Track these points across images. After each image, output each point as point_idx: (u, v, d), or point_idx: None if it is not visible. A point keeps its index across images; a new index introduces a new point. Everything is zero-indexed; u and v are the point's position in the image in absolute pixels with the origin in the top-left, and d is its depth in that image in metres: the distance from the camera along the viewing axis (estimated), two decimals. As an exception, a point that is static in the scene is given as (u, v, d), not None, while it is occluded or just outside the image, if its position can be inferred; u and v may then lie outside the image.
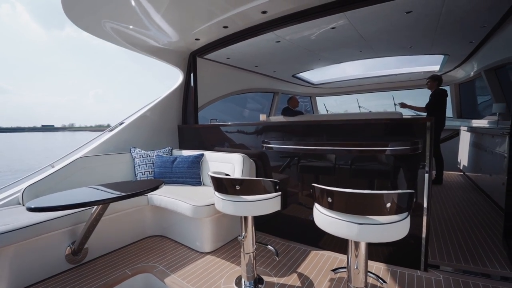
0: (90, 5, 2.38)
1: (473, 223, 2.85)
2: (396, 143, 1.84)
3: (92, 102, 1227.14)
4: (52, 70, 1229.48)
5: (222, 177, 1.67)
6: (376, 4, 2.23)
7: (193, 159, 3.02)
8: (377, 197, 1.18)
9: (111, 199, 1.74)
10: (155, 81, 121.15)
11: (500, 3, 2.32)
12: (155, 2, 2.29)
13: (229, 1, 2.31)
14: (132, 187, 2.06)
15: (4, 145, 43.11)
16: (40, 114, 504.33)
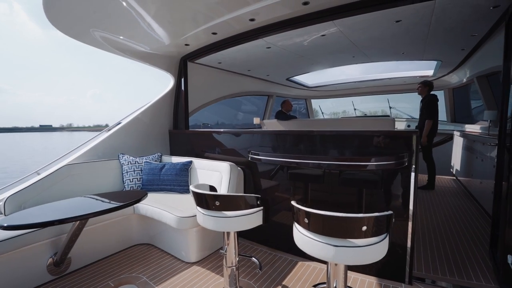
0: (77, 15, 2.35)
1: (462, 232, 2.84)
2: (381, 158, 1.82)
3: (90, 102, 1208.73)
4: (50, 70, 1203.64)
5: (202, 192, 1.65)
6: (365, 14, 2.21)
7: (181, 166, 2.99)
8: (353, 220, 1.16)
9: (89, 215, 1.71)
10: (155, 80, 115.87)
11: (488, 15, 2.31)
12: (144, 9, 2.26)
13: (217, 8, 2.28)
14: (114, 199, 2.03)
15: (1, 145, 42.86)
16: (38, 114, 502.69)
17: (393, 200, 2.06)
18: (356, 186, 2.18)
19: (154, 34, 2.87)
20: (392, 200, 2.07)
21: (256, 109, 7.62)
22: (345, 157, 1.81)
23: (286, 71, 5.01)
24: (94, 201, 2.03)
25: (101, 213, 1.77)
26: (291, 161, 1.95)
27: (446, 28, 2.66)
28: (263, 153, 2.11)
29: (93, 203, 2.00)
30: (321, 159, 1.85)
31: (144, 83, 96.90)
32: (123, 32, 2.81)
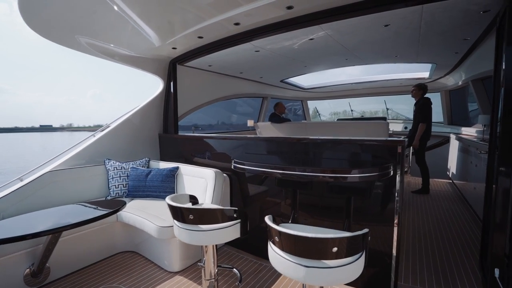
0: (60, 20, 2.32)
1: (453, 240, 2.78)
2: (364, 169, 1.76)
3: (90, 102, 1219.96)
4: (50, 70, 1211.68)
5: (176, 205, 1.59)
6: (351, 18, 2.14)
7: (167, 172, 2.94)
8: (323, 241, 1.10)
9: (62, 228, 1.66)
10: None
11: (479, 19, 2.24)
12: (129, 12, 2.21)
13: (201, 12, 2.22)
14: (92, 210, 1.98)
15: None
16: (38, 114, 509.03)
17: (379, 208, 2.01)
18: (344, 194, 2.13)
19: (141, 38, 2.82)
20: (378, 208, 2.02)
21: (252, 111, 7.56)
22: (327, 168, 1.75)
23: (280, 73, 4.95)
24: (71, 211, 1.98)
25: (76, 226, 1.72)
26: (272, 171, 1.90)
27: (437, 32, 2.60)
28: (246, 162, 2.05)
29: (70, 213, 1.95)
30: (303, 170, 1.79)
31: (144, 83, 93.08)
32: (109, 38, 2.79)
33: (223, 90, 4.89)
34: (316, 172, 1.77)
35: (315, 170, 1.78)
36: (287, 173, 1.84)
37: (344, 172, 1.75)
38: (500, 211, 1.75)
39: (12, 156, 26.12)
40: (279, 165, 1.87)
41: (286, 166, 1.85)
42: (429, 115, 4.27)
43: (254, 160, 2.51)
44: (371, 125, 4.25)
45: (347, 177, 1.75)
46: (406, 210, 3.68)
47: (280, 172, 1.86)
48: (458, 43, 3.02)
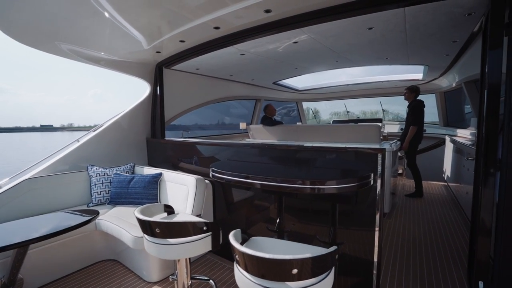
0: (39, 28, 2.27)
1: (443, 247, 2.71)
2: (342, 180, 1.70)
3: (91, 101, 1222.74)
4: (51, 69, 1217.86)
5: (143, 218, 1.53)
6: (331, 21, 2.08)
7: (150, 179, 2.88)
8: (282, 263, 1.04)
9: (28, 242, 1.60)
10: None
11: (465, 22, 2.17)
12: (108, 19, 2.16)
13: (180, 16, 2.17)
14: (63, 220, 1.92)
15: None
16: (39, 114, 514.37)
17: (362, 215, 1.95)
18: (330, 201, 2.08)
19: (124, 43, 2.77)
20: (361, 215, 1.96)
21: (247, 112, 7.50)
22: (303, 179, 1.69)
23: (271, 76, 4.88)
24: (44, 222, 1.93)
25: (42, 239, 1.66)
26: (245, 181, 1.83)
27: (424, 34, 2.53)
28: (223, 171, 1.99)
29: (42, 225, 1.90)
30: (280, 180, 1.73)
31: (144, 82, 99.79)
32: (91, 44, 2.75)
33: (213, 93, 4.83)
34: (292, 183, 1.70)
35: (291, 181, 1.71)
36: (263, 183, 1.77)
37: (321, 183, 1.68)
38: (484, 218, 1.69)
39: (10, 157, 26.12)
40: (254, 175, 1.80)
41: (262, 176, 1.79)
42: (421, 118, 4.20)
43: (236, 167, 2.46)
44: (363, 128, 4.18)
45: (324, 188, 1.68)
46: (397, 214, 3.62)
47: (254, 182, 1.80)
48: (447, 45, 2.95)
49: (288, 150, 2.25)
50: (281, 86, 6.06)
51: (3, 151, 33.27)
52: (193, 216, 1.97)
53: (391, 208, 3.80)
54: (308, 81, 6.97)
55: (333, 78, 7.33)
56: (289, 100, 7.68)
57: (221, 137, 5.76)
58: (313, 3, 1.86)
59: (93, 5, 1.91)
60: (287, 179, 1.70)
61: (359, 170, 1.90)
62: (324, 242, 2.19)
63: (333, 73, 6.60)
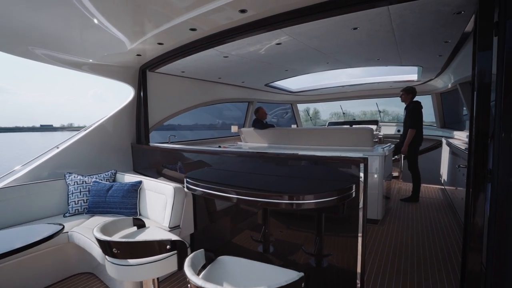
0: (8, 33, 2.16)
1: (436, 256, 2.58)
2: (320, 194, 1.57)
3: (91, 101, 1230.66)
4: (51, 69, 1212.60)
5: (100, 238, 1.41)
6: (313, 21, 1.96)
7: (129, 187, 2.76)
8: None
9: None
10: None
11: (455, 21, 2.05)
12: (83, 22, 2.05)
13: (155, 17, 2.05)
14: (26, 236, 1.79)
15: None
16: (39, 114, 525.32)
17: (348, 227, 1.82)
18: (315, 211, 1.95)
19: (103, 46, 2.66)
20: (347, 227, 1.83)
21: (241, 114, 7.39)
22: (279, 194, 1.57)
23: (261, 78, 4.76)
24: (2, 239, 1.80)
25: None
26: (218, 194, 1.71)
27: (413, 34, 2.41)
28: (196, 182, 1.87)
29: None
30: (254, 195, 1.61)
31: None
32: (66, 48, 2.64)
33: (202, 95, 4.71)
34: (267, 198, 1.58)
35: (266, 196, 1.59)
36: (237, 197, 1.65)
37: (297, 198, 1.55)
38: (475, 233, 1.57)
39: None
40: (227, 188, 1.68)
41: (236, 190, 1.66)
42: (419, 120, 4.08)
43: (213, 176, 2.34)
44: (356, 131, 4.06)
45: (301, 203, 1.56)
46: (391, 221, 3.49)
47: (227, 196, 1.68)
48: (439, 46, 2.83)
49: (269, 159, 2.13)
50: (274, 88, 5.94)
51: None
52: (164, 231, 1.85)
53: (385, 213, 3.67)
54: (308, 82, 6.84)
55: (333, 78, 7.25)
56: (284, 102, 7.55)
57: (212, 140, 5.63)
58: (290, 3, 1.74)
59: (63, 7, 1.80)
60: (262, 194, 1.58)
61: (341, 180, 1.78)
62: (310, 254, 2.08)
63: (333, 74, 6.53)
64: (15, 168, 2.92)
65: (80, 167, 3.23)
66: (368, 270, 2.41)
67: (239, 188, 1.70)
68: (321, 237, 1.96)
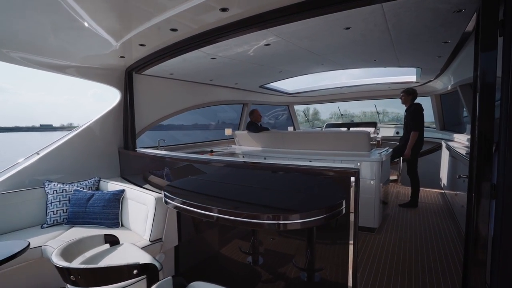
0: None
1: (435, 266, 2.44)
2: (307, 213, 1.42)
3: (91, 101, 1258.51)
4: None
5: (57, 263, 1.26)
6: (301, 21, 1.81)
7: (111, 196, 2.61)
8: None
9: None
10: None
11: (454, 20, 1.90)
12: (59, 23, 1.91)
13: (135, 15, 1.90)
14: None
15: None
16: (38, 114, 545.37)
17: (341, 239, 1.68)
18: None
19: (83, 48, 2.51)
20: (340, 239, 1.70)
21: (237, 116, 7.26)
22: (260, 214, 1.42)
23: (255, 80, 4.61)
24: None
25: None
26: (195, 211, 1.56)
27: (410, 34, 2.26)
28: (173, 197, 1.71)
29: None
30: (234, 214, 1.46)
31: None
32: (44, 51, 2.50)
33: (194, 98, 4.56)
34: (248, 218, 1.43)
35: (248, 216, 1.44)
36: (216, 215, 1.50)
37: (281, 218, 1.40)
38: (478, 252, 1.42)
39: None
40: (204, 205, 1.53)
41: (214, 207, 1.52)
42: (421, 122, 3.93)
43: (192, 188, 2.19)
44: (352, 135, 3.90)
45: (286, 224, 1.41)
46: (388, 229, 3.34)
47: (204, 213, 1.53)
48: (438, 46, 2.68)
49: (255, 169, 1.98)
50: (269, 90, 5.79)
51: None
52: (138, 249, 1.70)
53: (382, 220, 3.52)
54: (308, 82, 6.68)
55: (334, 79, 7.13)
56: (280, 103, 7.39)
57: (205, 144, 5.48)
58: (274, 1, 1.59)
59: (36, 6, 1.66)
60: (242, 213, 1.43)
61: (331, 193, 1.64)
62: (300, 268, 1.94)
63: (333, 74, 6.43)
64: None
65: (64, 173, 3.09)
66: (363, 283, 2.27)
67: (218, 204, 1.55)
68: (313, 249, 1.82)
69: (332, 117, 11.07)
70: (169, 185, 2.05)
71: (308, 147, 4.17)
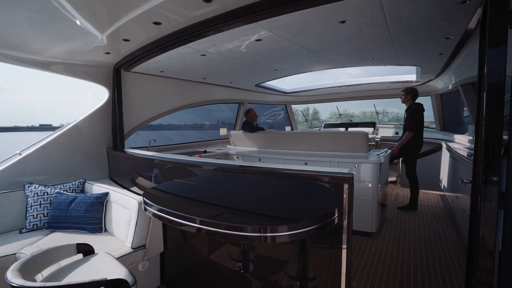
0: None
1: (435, 278, 2.30)
2: (296, 224, 1.29)
3: (90, 101, 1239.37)
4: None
5: (10, 282, 1.13)
6: (292, 13, 1.67)
7: (94, 200, 2.48)
8: None
9: None
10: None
11: (458, 13, 1.77)
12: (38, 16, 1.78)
13: (117, 9, 1.76)
14: None
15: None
16: (38, 113, 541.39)
17: (335, 247, 1.56)
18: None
19: (66, 43, 2.37)
20: (334, 247, 1.57)
21: (233, 115, 7.12)
22: (243, 226, 1.29)
23: (250, 78, 4.47)
24: None
25: None
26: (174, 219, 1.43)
27: (410, 29, 2.12)
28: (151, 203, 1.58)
29: None
30: (214, 225, 1.33)
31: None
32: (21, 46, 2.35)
33: (187, 97, 4.41)
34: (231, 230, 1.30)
35: (230, 227, 1.30)
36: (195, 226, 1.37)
37: (267, 230, 1.27)
38: (483, 266, 1.29)
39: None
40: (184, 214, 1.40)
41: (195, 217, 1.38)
42: (420, 123, 3.80)
43: (177, 191, 2.06)
44: (349, 136, 3.77)
45: (273, 236, 1.27)
46: (386, 233, 3.21)
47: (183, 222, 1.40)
48: (440, 43, 2.54)
49: (242, 172, 1.85)
50: (265, 89, 5.65)
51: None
52: (113, 260, 1.56)
53: (380, 224, 3.39)
54: (308, 81, 6.56)
55: (334, 78, 7.01)
56: (277, 103, 7.25)
57: (199, 144, 5.34)
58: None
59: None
60: (223, 225, 1.30)
61: (324, 199, 1.50)
62: (292, 277, 1.81)
63: (333, 73, 6.26)
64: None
65: (49, 174, 2.96)
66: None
67: (198, 212, 1.42)
68: (306, 255, 1.70)
69: (332, 117, 10.95)
70: (151, 189, 1.92)
71: (304, 148, 4.04)
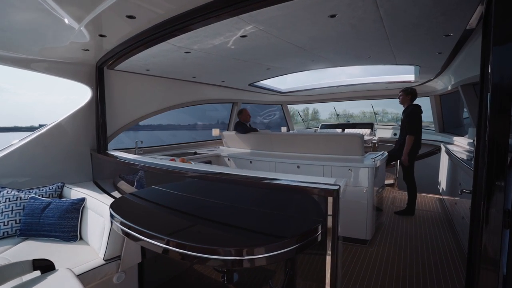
0: None
1: (432, 286, 2.16)
2: (274, 245, 1.14)
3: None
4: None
5: None
6: (275, 6, 1.52)
7: (68, 206, 2.32)
8: None
9: None
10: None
11: (457, 6, 1.62)
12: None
13: (86, 2, 1.60)
14: None
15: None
16: (38, 113, 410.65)
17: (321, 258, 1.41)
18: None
19: (35, 37, 2.21)
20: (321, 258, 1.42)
21: (227, 115, 6.97)
22: (213, 248, 1.14)
23: (243, 77, 4.31)
24: None
25: None
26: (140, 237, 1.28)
27: (406, 25, 1.97)
28: (114, 214, 1.43)
29: None
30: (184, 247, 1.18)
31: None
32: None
33: (177, 96, 4.26)
34: (199, 252, 1.15)
35: (199, 249, 1.16)
36: (161, 246, 1.23)
37: (241, 253, 1.12)
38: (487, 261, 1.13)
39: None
40: (150, 232, 1.26)
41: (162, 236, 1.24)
42: (418, 125, 3.65)
43: (150, 198, 1.90)
44: (344, 138, 3.62)
45: (248, 260, 1.12)
46: (382, 240, 3.06)
47: (149, 242, 1.25)
48: (439, 41, 2.39)
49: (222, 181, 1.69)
50: (260, 88, 5.49)
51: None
52: (73, 278, 1.41)
53: (376, 230, 3.25)
54: (307, 81, 6.41)
55: (334, 77, 6.87)
56: (272, 103, 7.10)
57: (191, 145, 5.19)
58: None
59: None
60: (193, 246, 1.15)
61: (307, 212, 1.35)
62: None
63: (333, 73, 6.16)
64: None
65: (28, 177, 2.80)
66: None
67: (165, 229, 1.28)
68: (291, 269, 1.55)
69: (332, 117, 10.82)
70: (123, 197, 1.76)
71: (298, 150, 3.88)
